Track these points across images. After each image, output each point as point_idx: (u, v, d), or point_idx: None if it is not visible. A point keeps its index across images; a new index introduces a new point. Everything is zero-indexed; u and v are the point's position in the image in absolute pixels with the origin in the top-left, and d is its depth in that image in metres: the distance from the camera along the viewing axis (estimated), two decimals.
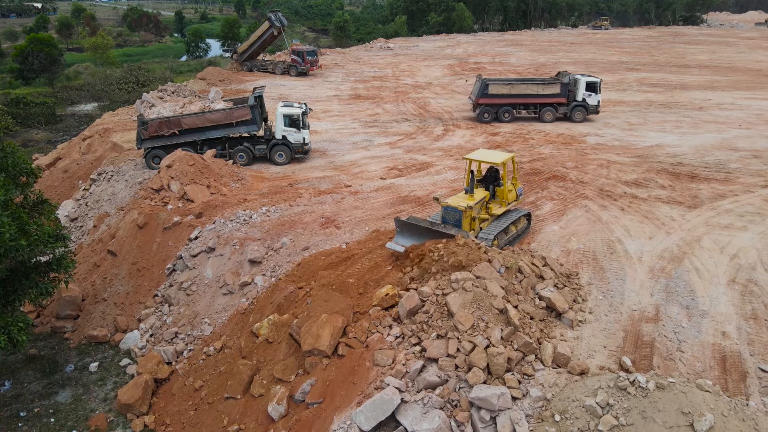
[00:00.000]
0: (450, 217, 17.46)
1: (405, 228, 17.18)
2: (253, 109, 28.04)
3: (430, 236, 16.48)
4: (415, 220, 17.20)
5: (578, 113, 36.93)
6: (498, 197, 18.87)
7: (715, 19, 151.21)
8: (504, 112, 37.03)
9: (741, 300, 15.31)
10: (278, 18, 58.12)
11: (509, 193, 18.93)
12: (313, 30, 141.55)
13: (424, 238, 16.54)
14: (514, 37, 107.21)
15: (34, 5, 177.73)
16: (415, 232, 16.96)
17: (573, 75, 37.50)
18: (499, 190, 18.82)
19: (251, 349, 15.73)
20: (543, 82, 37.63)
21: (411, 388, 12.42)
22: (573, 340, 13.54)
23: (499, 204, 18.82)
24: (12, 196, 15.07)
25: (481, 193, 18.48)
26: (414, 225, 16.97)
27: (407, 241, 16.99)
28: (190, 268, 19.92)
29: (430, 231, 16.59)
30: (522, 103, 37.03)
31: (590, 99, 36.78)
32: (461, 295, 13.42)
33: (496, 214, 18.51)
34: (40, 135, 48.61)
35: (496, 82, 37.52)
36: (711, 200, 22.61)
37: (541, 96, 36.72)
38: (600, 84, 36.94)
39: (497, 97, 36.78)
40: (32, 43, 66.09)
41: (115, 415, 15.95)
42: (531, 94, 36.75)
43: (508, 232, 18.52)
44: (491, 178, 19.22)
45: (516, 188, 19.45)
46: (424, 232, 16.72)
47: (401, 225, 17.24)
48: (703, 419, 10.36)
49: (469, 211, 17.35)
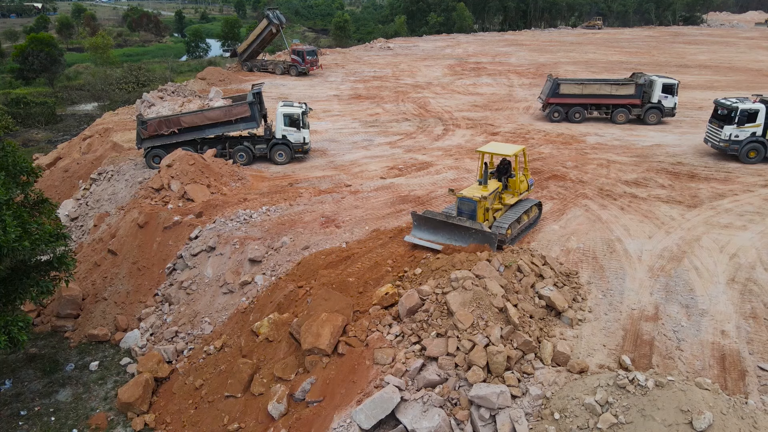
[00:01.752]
0: (465, 208, 17.98)
1: (422, 222, 17.88)
2: (251, 105, 28.02)
3: (445, 228, 17.31)
4: (431, 213, 17.86)
5: (653, 116, 35.83)
6: (510, 188, 19.59)
7: (715, 19, 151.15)
8: (575, 113, 36.44)
9: (740, 299, 15.33)
10: (276, 15, 58.18)
11: (521, 184, 19.66)
12: (313, 30, 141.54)
13: (440, 231, 17.44)
14: (514, 37, 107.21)
15: (35, 5, 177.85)
16: (431, 225, 17.70)
17: (649, 76, 36.41)
18: (511, 181, 19.52)
19: (251, 348, 15.75)
20: (617, 82, 36.72)
21: (411, 386, 12.45)
22: (572, 339, 13.57)
23: (512, 194, 19.52)
24: (12, 195, 15.10)
25: (495, 184, 19.11)
26: (430, 219, 17.63)
27: (424, 234, 17.83)
28: (190, 268, 19.95)
29: (445, 224, 17.34)
30: (594, 103, 36.37)
31: (666, 101, 35.53)
32: (461, 293, 13.46)
33: (509, 203, 19.21)
34: (40, 135, 48.65)
35: (567, 81, 36.98)
36: (711, 200, 22.63)
37: (614, 97, 35.88)
38: (677, 86, 35.73)
39: (568, 97, 36.25)
40: (32, 43, 66.10)
41: (115, 414, 15.98)
42: (604, 94, 36.02)
43: (520, 221, 19.16)
44: (503, 169, 19.90)
45: (527, 179, 20.17)
46: (439, 225, 17.48)
47: (418, 219, 17.95)
48: (702, 417, 10.38)
49: (484, 202, 17.90)
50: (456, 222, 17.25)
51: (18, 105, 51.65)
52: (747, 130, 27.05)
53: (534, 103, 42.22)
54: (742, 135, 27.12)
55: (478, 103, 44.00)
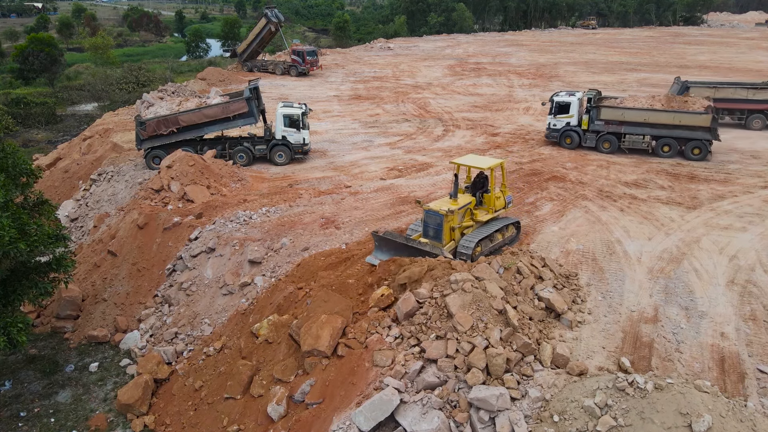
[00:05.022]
0: (431, 221, 16.83)
1: (383, 243, 16.79)
2: (249, 101, 27.98)
3: (407, 250, 16.17)
4: (391, 235, 16.78)
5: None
6: (485, 204, 18.16)
7: (715, 20, 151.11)
8: None
9: (740, 301, 15.33)
10: (275, 14, 58.20)
11: (497, 200, 18.18)
12: (314, 30, 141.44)
13: (402, 252, 16.24)
14: (514, 37, 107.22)
15: (35, 5, 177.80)
16: (392, 246, 16.56)
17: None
18: (486, 196, 18.12)
19: (251, 350, 15.76)
20: (753, 86, 35.26)
21: (410, 388, 12.45)
22: (572, 341, 13.57)
23: (486, 211, 18.08)
24: (12, 196, 15.10)
25: (466, 199, 17.74)
26: (390, 240, 16.55)
27: (385, 255, 16.62)
28: (190, 269, 19.95)
29: (407, 247, 16.22)
30: (726, 108, 34.74)
31: None
32: (460, 296, 13.45)
33: (482, 221, 17.76)
34: (40, 135, 48.64)
35: (698, 84, 35.53)
36: (710, 201, 22.63)
37: (749, 101, 34.44)
38: None
39: None
40: (33, 43, 66.09)
41: (115, 415, 15.98)
42: (738, 99, 34.59)
43: (493, 239, 17.82)
44: (480, 184, 18.63)
45: (505, 195, 18.67)
46: (401, 246, 16.36)
47: (379, 240, 16.86)
48: (701, 420, 10.38)
49: (451, 216, 16.65)
50: (417, 246, 16.10)
51: (18, 105, 51.63)
52: (562, 120, 30.77)
53: (534, 104, 42.20)
54: (559, 124, 30.92)
55: (478, 103, 44.00)
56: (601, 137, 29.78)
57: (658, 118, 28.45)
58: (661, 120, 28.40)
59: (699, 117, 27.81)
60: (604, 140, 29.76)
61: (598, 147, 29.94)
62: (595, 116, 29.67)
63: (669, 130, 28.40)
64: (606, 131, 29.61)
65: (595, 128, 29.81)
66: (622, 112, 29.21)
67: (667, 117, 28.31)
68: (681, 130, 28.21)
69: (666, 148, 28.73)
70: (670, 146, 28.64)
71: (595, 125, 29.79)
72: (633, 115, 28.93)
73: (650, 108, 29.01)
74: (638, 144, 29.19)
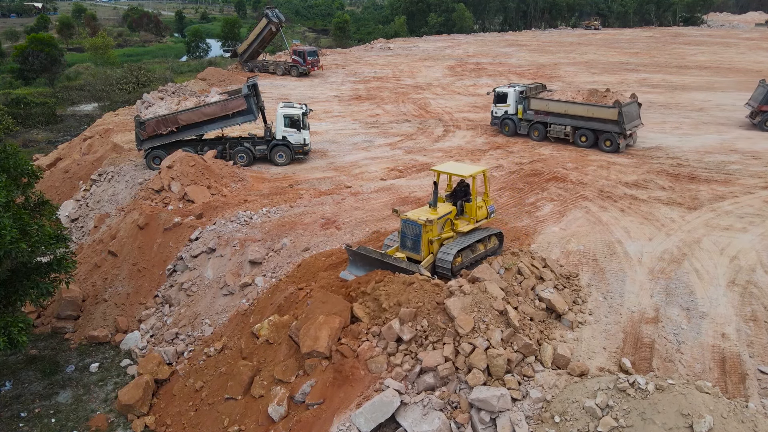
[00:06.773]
0: (409, 232, 16.10)
1: (357, 258, 16.28)
2: (247, 98, 27.93)
3: (382, 266, 15.74)
4: (366, 250, 16.18)
5: None
6: (467, 213, 17.29)
7: (715, 20, 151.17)
8: None
9: (741, 302, 15.33)
10: (275, 14, 58.23)
11: (479, 210, 17.29)
12: (314, 30, 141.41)
13: (377, 268, 15.78)
14: (514, 37, 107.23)
15: (35, 5, 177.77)
16: (367, 261, 16.01)
17: None
18: (467, 205, 17.24)
19: (251, 350, 15.74)
20: None
21: (411, 389, 12.45)
22: (573, 342, 13.57)
23: (467, 221, 17.21)
24: (13, 197, 15.10)
25: (446, 208, 16.86)
26: (365, 256, 15.99)
27: (360, 271, 16.11)
28: (190, 269, 19.94)
29: (382, 263, 15.73)
30: None
31: None
32: (460, 298, 13.42)
33: (462, 231, 16.85)
34: (40, 135, 48.61)
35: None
36: (711, 201, 22.63)
37: None
38: None
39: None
40: (33, 43, 66.03)
41: (115, 416, 15.96)
42: None
43: (475, 250, 16.89)
44: (461, 192, 17.82)
45: (487, 205, 17.74)
46: (375, 262, 15.83)
47: (353, 255, 16.34)
48: (702, 421, 10.38)
49: (429, 226, 15.84)
50: (392, 263, 15.53)
51: (18, 105, 51.57)
52: (501, 109, 34.07)
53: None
54: (499, 112, 34.28)
55: (478, 104, 43.99)
56: (532, 125, 32.87)
57: (576, 111, 30.90)
58: (578, 112, 30.82)
59: (608, 111, 29.68)
60: (534, 128, 32.82)
61: (529, 134, 33.06)
62: (527, 106, 32.63)
63: (585, 122, 30.70)
64: (535, 120, 32.60)
65: (527, 117, 32.86)
66: (546, 103, 31.98)
67: (582, 109, 30.68)
68: (594, 122, 30.35)
69: (583, 138, 31.07)
70: (587, 137, 30.93)
71: (527, 114, 32.82)
72: (555, 106, 31.60)
73: (569, 100, 31.41)
74: (560, 133, 31.79)
